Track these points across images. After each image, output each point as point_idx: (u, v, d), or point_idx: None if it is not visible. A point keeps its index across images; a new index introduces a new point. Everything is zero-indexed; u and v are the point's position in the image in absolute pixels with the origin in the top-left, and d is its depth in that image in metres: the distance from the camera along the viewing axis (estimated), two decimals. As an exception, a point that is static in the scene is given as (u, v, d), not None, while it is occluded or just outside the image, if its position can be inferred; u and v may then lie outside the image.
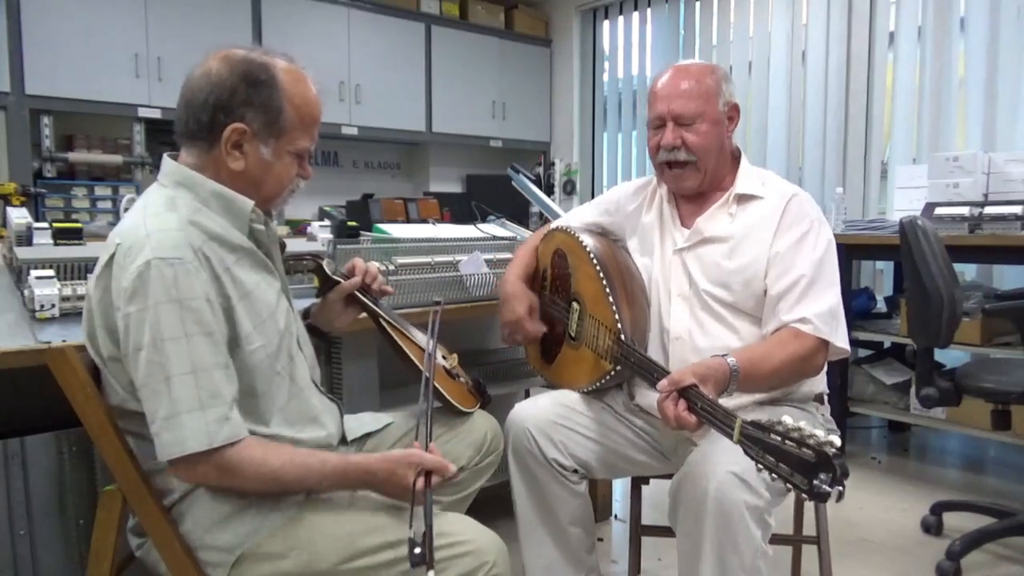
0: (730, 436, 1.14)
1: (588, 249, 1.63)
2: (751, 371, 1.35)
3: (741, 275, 1.51)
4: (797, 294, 1.45)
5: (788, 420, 1.07)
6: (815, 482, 0.99)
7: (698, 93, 1.53)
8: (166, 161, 1.19)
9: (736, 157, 1.64)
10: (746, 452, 1.11)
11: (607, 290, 1.55)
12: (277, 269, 1.27)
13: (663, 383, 1.26)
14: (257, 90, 1.14)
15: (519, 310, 1.68)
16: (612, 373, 1.53)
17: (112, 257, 1.09)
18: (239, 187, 1.17)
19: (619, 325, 1.50)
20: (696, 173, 1.56)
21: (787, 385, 1.50)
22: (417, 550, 1.03)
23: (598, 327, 1.56)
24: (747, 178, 1.60)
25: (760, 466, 1.08)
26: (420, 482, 1.13)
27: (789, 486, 1.04)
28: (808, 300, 1.44)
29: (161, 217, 1.11)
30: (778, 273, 1.48)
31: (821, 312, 1.43)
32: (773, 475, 1.06)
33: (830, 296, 1.46)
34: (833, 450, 0.99)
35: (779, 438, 1.06)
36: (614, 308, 1.52)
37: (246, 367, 1.14)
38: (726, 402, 1.27)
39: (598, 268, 1.59)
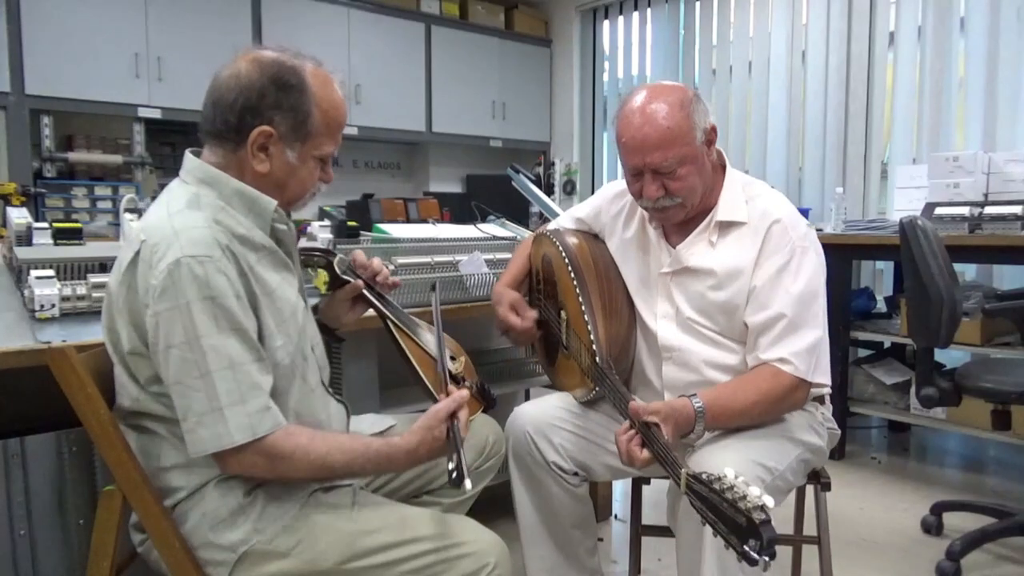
0: (678, 485, 1.12)
1: (567, 260, 1.58)
2: (719, 412, 1.34)
3: (724, 309, 1.48)
4: (776, 333, 1.41)
5: (729, 474, 1.02)
6: (745, 547, 0.94)
7: (673, 138, 1.39)
8: (189, 158, 1.19)
9: (720, 166, 1.54)
10: (692, 504, 1.08)
11: (583, 308, 1.51)
12: (296, 269, 1.26)
13: (631, 405, 1.27)
14: (286, 94, 1.13)
15: (500, 311, 1.68)
16: (596, 390, 1.51)
17: (137, 254, 1.08)
18: (262, 189, 1.17)
19: (594, 347, 1.47)
20: (683, 210, 1.48)
21: (765, 420, 1.44)
22: (454, 472, 1.09)
23: (580, 344, 1.52)
24: (730, 199, 1.51)
25: (703, 521, 1.05)
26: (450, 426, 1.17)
27: (728, 547, 0.99)
28: (788, 339, 1.40)
29: (187, 215, 1.11)
30: (756, 307, 1.44)
31: (799, 350, 1.39)
32: (715, 533, 1.02)
33: (810, 333, 1.41)
34: (762, 516, 0.93)
35: (717, 496, 1.00)
36: (589, 328, 1.49)
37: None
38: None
39: (575, 282, 1.55)
